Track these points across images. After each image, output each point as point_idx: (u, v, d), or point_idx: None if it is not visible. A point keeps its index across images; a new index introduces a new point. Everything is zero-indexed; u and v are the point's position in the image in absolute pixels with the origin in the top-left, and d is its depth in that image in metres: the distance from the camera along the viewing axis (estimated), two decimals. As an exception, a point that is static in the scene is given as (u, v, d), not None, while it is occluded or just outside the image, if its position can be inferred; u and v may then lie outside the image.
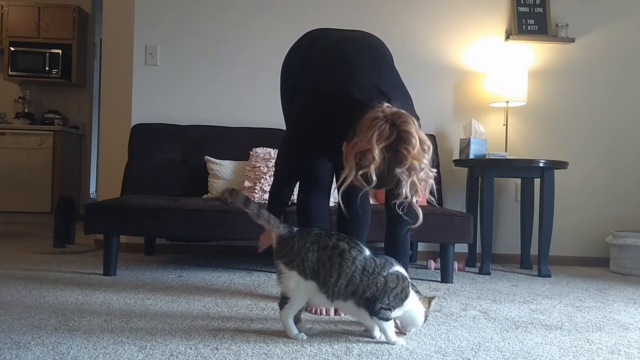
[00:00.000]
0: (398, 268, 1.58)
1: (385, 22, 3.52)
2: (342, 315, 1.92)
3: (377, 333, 1.64)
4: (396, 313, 1.57)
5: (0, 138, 5.23)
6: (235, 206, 1.64)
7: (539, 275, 3.05)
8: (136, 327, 1.68)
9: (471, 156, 3.30)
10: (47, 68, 5.49)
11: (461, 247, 3.30)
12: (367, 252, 1.58)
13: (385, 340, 1.59)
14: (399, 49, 3.52)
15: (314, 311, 1.94)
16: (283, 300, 1.59)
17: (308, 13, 3.52)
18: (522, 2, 3.60)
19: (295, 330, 1.60)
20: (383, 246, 1.86)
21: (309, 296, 1.58)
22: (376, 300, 1.53)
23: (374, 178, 1.48)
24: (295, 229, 1.62)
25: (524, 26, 3.58)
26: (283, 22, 3.53)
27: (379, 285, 1.53)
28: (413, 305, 1.59)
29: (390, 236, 1.83)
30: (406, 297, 1.56)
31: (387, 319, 1.55)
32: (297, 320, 1.64)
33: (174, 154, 3.28)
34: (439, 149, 3.46)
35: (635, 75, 3.65)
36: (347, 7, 3.52)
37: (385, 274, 1.54)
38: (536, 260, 3.16)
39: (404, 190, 1.50)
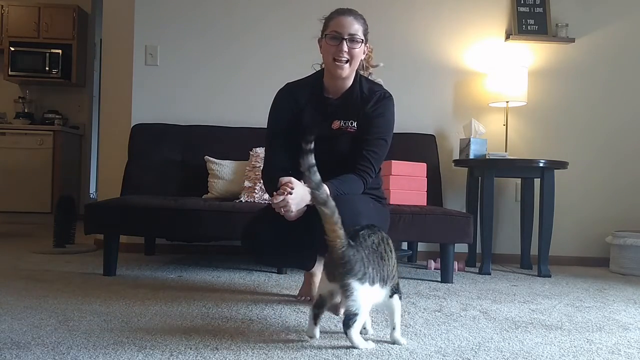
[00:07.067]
0: (376, 234, 1.57)
1: (386, 23, 3.52)
2: (342, 315, 1.91)
3: (370, 329, 1.67)
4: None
5: (0, 138, 5.23)
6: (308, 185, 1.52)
7: (539, 275, 3.05)
8: (136, 327, 1.68)
9: (471, 156, 3.30)
10: (47, 68, 5.49)
11: (461, 247, 3.30)
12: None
13: (388, 340, 1.59)
14: (399, 49, 3.58)
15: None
16: (351, 318, 1.47)
17: (308, 13, 3.51)
18: (522, 2, 3.59)
19: (365, 344, 1.52)
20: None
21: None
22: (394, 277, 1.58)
23: None
24: (350, 241, 1.50)
25: (524, 26, 3.58)
26: (283, 22, 3.54)
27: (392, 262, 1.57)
28: None
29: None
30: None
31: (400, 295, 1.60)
32: (317, 320, 1.59)
33: (174, 154, 3.28)
34: (439, 149, 3.46)
35: (635, 75, 3.65)
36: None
37: (381, 247, 1.57)
38: (536, 260, 3.16)
39: None
